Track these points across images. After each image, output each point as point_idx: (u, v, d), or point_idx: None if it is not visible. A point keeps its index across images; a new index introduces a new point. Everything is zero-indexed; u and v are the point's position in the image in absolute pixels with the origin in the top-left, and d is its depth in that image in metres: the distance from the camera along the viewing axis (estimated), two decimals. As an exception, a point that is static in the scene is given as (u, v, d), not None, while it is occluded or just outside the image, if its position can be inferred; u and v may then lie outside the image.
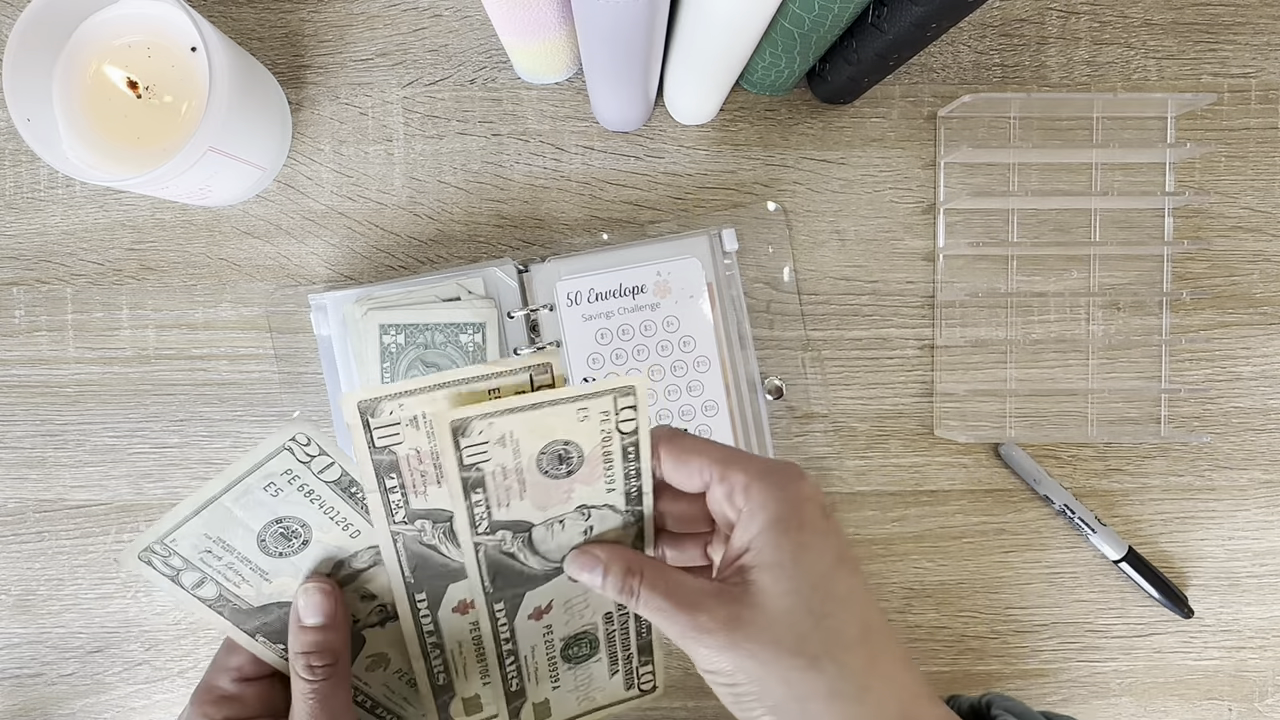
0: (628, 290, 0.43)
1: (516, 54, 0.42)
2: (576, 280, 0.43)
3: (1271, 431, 0.47)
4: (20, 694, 0.48)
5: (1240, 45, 0.46)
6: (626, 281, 0.43)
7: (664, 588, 0.26)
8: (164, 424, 0.47)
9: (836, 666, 0.24)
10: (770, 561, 0.25)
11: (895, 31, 0.36)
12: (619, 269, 0.43)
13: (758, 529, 0.26)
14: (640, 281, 0.43)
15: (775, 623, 0.25)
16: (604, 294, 0.43)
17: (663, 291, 0.43)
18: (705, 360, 0.44)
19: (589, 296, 0.43)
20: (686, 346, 0.44)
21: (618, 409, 0.26)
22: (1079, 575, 0.47)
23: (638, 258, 0.44)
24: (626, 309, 0.43)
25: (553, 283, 0.44)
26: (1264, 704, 0.48)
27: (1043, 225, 0.47)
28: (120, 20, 0.39)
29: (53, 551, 0.47)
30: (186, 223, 0.46)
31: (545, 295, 0.45)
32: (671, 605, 0.26)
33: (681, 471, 0.27)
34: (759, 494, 0.26)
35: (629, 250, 0.44)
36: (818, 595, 0.25)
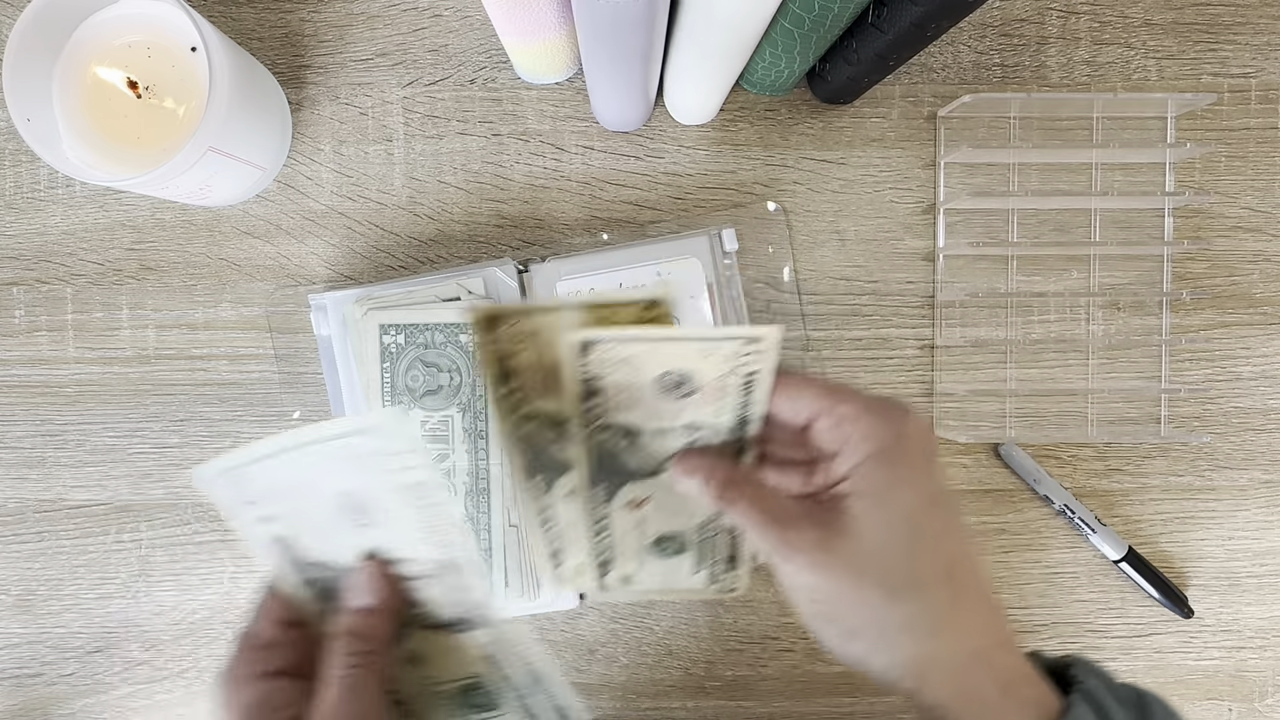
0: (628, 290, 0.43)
1: (516, 54, 0.42)
2: (576, 280, 0.43)
3: (1271, 431, 0.47)
4: (20, 694, 0.48)
5: (1240, 45, 0.46)
6: (627, 281, 0.43)
7: (760, 501, 0.27)
8: (164, 424, 0.47)
9: (917, 601, 0.25)
10: (866, 491, 0.26)
11: (895, 31, 0.36)
12: (619, 269, 0.43)
13: (859, 458, 0.26)
14: (640, 281, 0.43)
15: (862, 551, 0.25)
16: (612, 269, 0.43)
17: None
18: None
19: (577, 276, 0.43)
20: None
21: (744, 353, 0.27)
22: (1079, 575, 0.47)
23: (638, 258, 0.44)
24: None
25: (553, 283, 0.44)
26: (1264, 704, 0.48)
27: (1043, 225, 0.47)
28: (120, 20, 0.39)
29: (53, 551, 0.47)
30: (186, 223, 0.46)
31: (545, 295, 0.45)
32: (765, 519, 0.26)
33: (791, 405, 0.28)
34: (865, 426, 0.26)
35: (629, 250, 0.44)
36: (907, 529, 0.26)
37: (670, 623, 0.47)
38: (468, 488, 0.44)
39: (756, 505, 0.27)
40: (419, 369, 0.43)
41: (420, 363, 0.43)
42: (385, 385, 0.43)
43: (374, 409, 0.26)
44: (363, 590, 0.27)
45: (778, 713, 0.48)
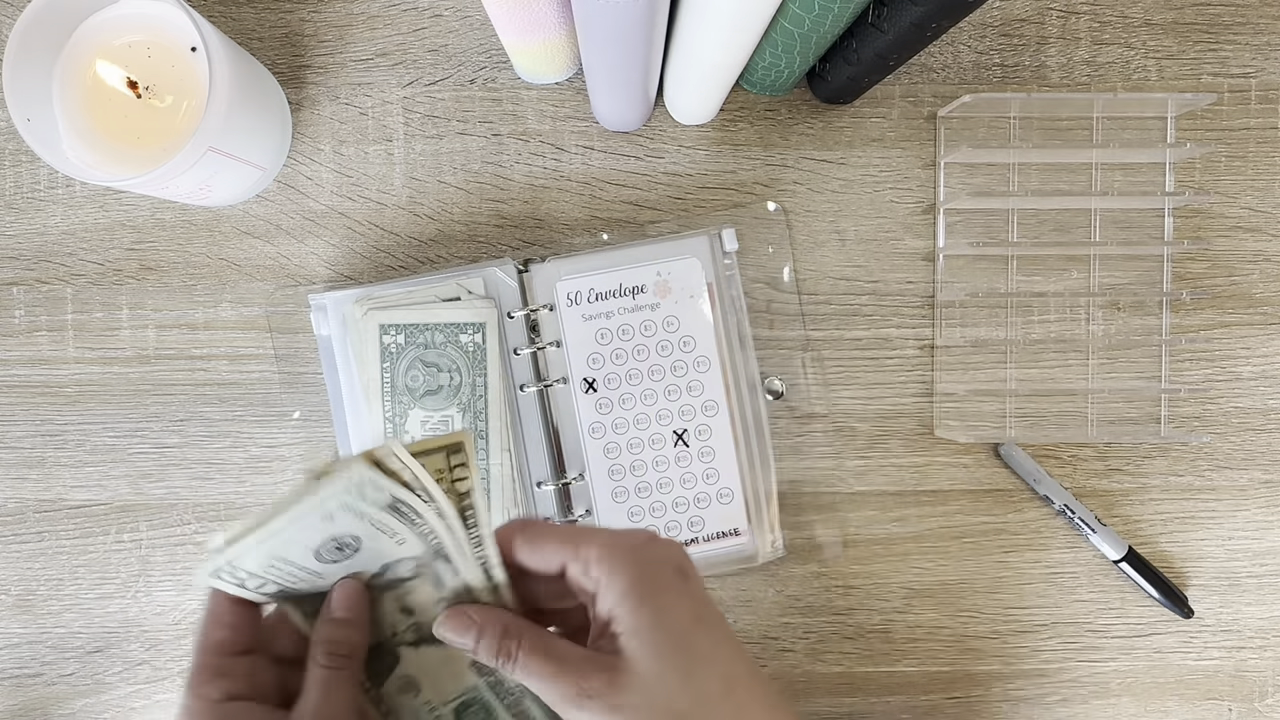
0: (628, 290, 0.43)
1: (516, 54, 0.42)
2: (576, 280, 0.43)
3: (1271, 431, 0.47)
4: (20, 694, 0.48)
5: (1240, 45, 0.46)
6: (627, 281, 0.43)
7: (544, 651, 0.27)
8: (164, 424, 0.47)
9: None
10: (633, 627, 0.26)
11: (895, 31, 0.36)
12: (619, 269, 0.43)
13: (615, 596, 0.26)
14: (640, 281, 0.43)
15: (647, 686, 0.25)
16: (604, 294, 0.43)
17: (663, 291, 0.43)
18: (705, 360, 0.43)
19: (589, 296, 0.43)
20: (686, 346, 0.43)
21: (451, 470, 0.26)
22: (1079, 575, 0.47)
23: (638, 258, 0.44)
24: (627, 309, 0.43)
25: (553, 283, 0.44)
26: (1264, 704, 0.48)
27: (1043, 225, 0.47)
28: (120, 20, 0.39)
29: (53, 551, 0.47)
30: (186, 223, 0.46)
31: (545, 295, 0.45)
32: (554, 669, 0.26)
33: (536, 557, 0.28)
34: (610, 563, 0.27)
35: (629, 250, 0.44)
36: (681, 655, 0.26)
37: (670, 623, 0.47)
38: (468, 488, 0.44)
39: (539, 654, 0.26)
40: (419, 369, 0.43)
41: (420, 363, 0.43)
42: (385, 385, 0.43)
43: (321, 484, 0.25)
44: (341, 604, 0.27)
45: (778, 713, 0.48)
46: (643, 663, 0.26)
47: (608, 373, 0.44)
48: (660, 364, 0.44)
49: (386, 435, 0.43)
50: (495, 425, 0.44)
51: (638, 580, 0.26)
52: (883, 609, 0.47)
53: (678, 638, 0.26)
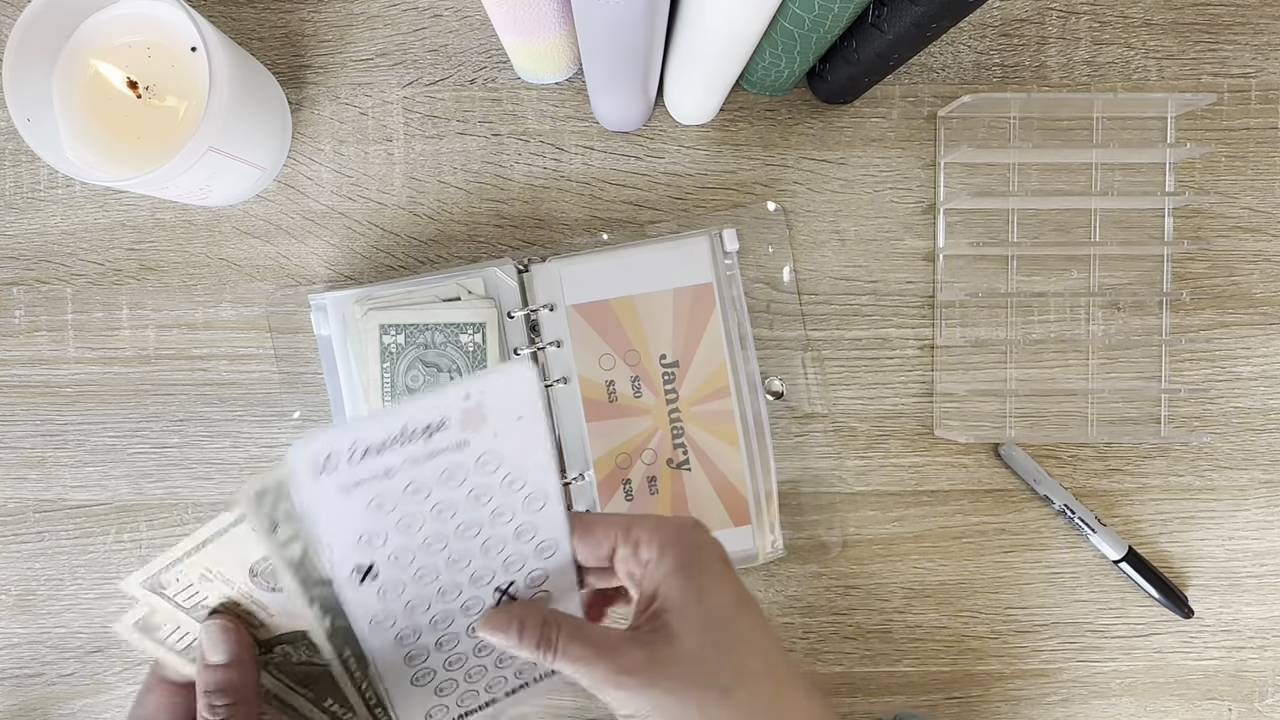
0: (415, 433, 0.26)
1: (516, 54, 0.42)
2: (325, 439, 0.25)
3: (1271, 431, 0.47)
4: (20, 694, 0.48)
5: (1240, 45, 0.46)
6: (415, 420, 0.26)
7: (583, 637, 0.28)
8: (164, 424, 0.47)
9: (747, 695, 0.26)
10: (678, 604, 0.27)
11: (895, 31, 0.36)
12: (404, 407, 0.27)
13: (664, 574, 0.28)
14: (436, 416, 0.27)
15: (688, 659, 0.26)
16: (376, 447, 0.26)
17: (474, 422, 0.27)
18: (539, 496, 0.29)
19: (350, 456, 0.25)
20: (513, 486, 0.29)
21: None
22: (1079, 575, 0.47)
23: (637, 258, 0.44)
24: (417, 458, 0.27)
25: (553, 283, 0.44)
26: (1264, 704, 0.48)
27: (1043, 225, 0.47)
28: (120, 20, 0.39)
29: (53, 551, 0.47)
30: (186, 223, 0.46)
31: (545, 295, 0.45)
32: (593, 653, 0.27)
33: (588, 544, 0.29)
34: (660, 542, 0.28)
35: (629, 250, 0.44)
36: (724, 632, 0.27)
37: (670, 623, 0.47)
38: (468, 488, 0.44)
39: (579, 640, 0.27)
40: (419, 369, 0.43)
41: (420, 363, 0.43)
42: (385, 385, 0.43)
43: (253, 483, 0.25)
44: (213, 647, 0.28)
45: (778, 713, 0.48)
46: (687, 638, 0.27)
47: (392, 550, 0.28)
48: (474, 518, 0.29)
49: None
50: None
51: (686, 560, 0.28)
52: (883, 609, 0.47)
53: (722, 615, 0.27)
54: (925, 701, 0.48)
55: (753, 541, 0.45)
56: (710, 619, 0.27)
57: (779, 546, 0.46)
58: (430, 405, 0.26)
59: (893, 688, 0.48)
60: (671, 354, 0.44)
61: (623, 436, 0.44)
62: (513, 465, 0.29)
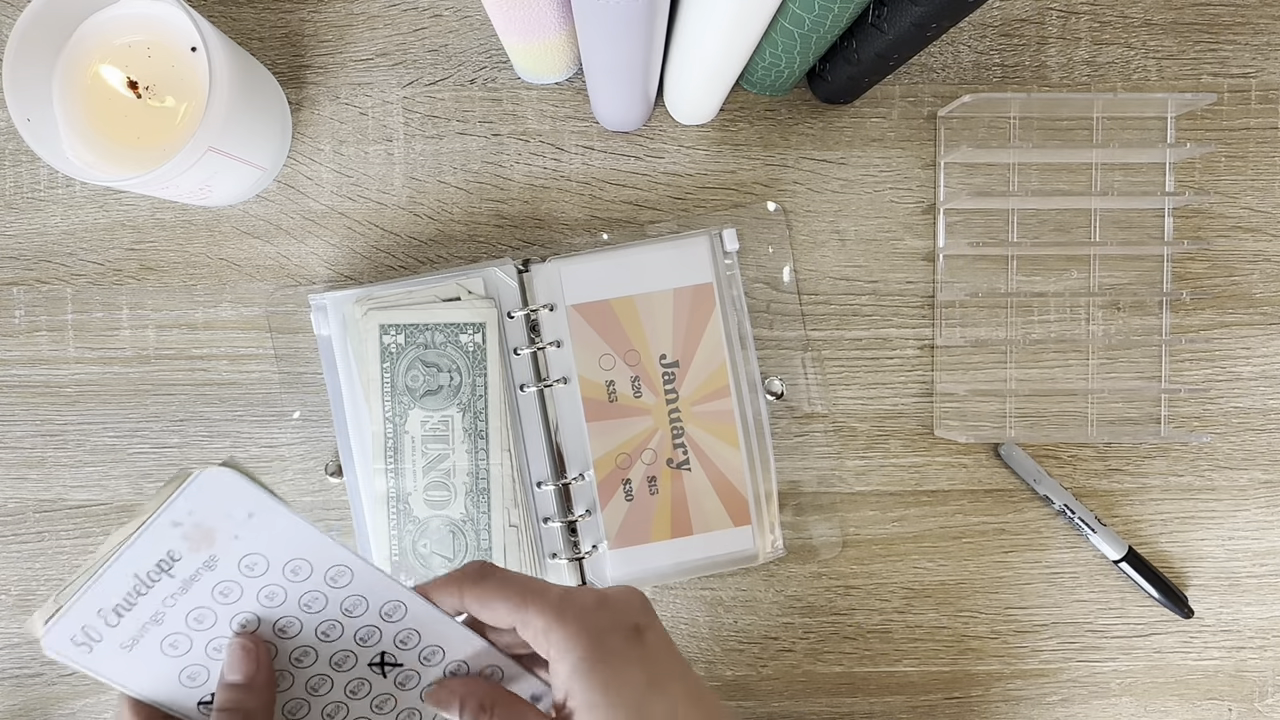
0: (152, 575, 0.25)
1: (516, 54, 0.42)
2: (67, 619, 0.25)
3: (1271, 431, 0.47)
4: (20, 694, 0.48)
5: (1240, 45, 0.46)
6: (141, 567, 0.25)
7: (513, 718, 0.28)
8: (164, 424, 0.47)
9: None
10: (586, 703, 0.26)
11: (895, 31, 0.36)
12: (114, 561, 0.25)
13: (567, 671, 0.27)
14: (161, 552, 0.25)
15: None
16: (124, 603, 0.25)
17: (203, 538, 0.26)
18: (341, 570, 0.27)
19: (107, 620, 0.25)
20: (299, 574, 0.27)
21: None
22: (1079, 575, 0.47)
23: (637, 258, 0.44)
24: (175, 594, 0.26)
25: (553, 283, 0.44)
26: (1264, 704, 0.48)
27: (1043, 225, 0.47)
28: (120, 20, 0.39)
29: (53, 551, 0.47)
30: (186, 223, 0.46)
31: (545, 295, 0.45)
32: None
33: (487, 613, 0.28)
34: (559, 638, 0.27)
35: (629, 250, 0.44)
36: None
37: (669, 623, 0.47)
38: (468, 488, 0.44)
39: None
40: (419, 369, 0.43)
41: (420, 363, 0.43)
42: (385, 385, 0.43)
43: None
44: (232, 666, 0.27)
45: (777, 713, 0.48)
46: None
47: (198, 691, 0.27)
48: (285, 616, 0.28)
49: (387, 435, 0.43)
50: (495, 425, 0.44)
51: (588, 652, 0.27)
52: (883, 609, 0.47)
53: (631, 707, 0.26)
54: (925, 701, 0.48)
55: (753, 541, 0.45)
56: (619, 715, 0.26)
57: (779, 546, 0.46)
58: (145, 548, 0.25)
59: (893, 688, 0.48)
60: (671, 354, 0.44)
61: (623, 436, 0.45)
62: (282, 557, 0.27)
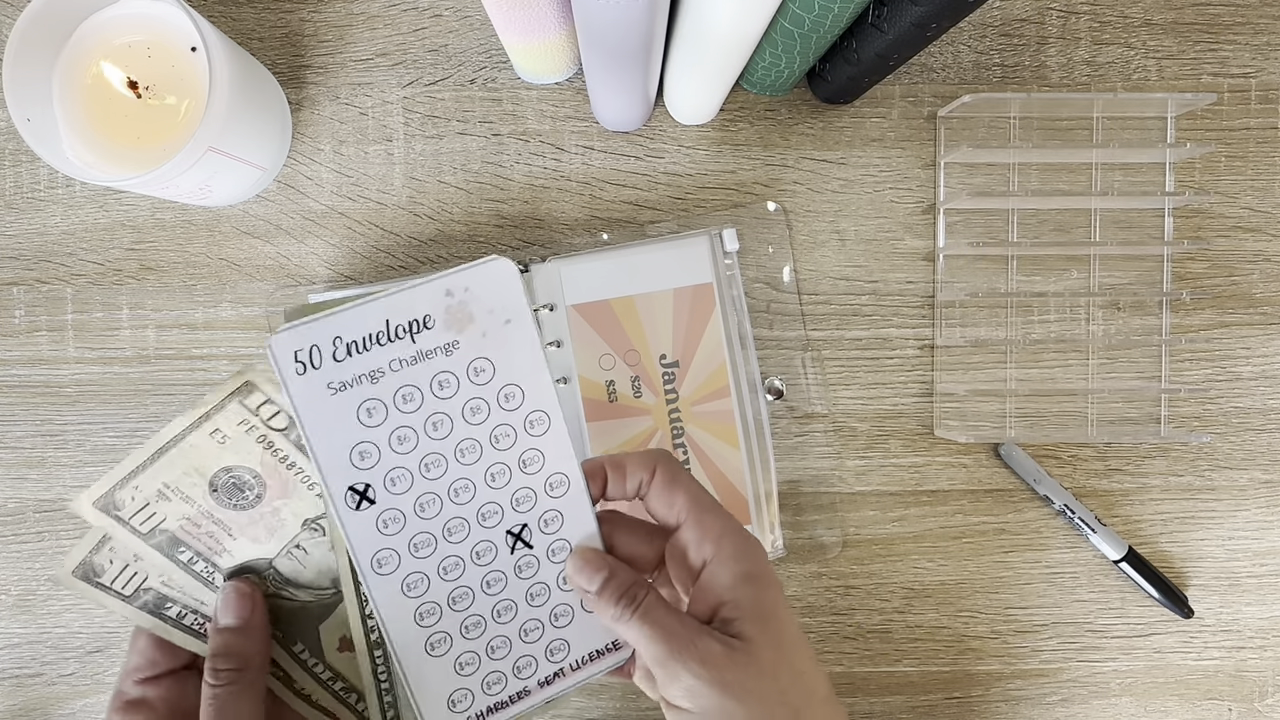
0: (400, 330, 0.26)
1: (516, 54, 0.42)
2: (305, 330, 0.26)
3: (1271, 431, 0.47)
4: (20, 694, 0.48)
5: (1240, 45, 0.46)
6: (397, 315, 0.26)
7: (666, 609, 0.27)
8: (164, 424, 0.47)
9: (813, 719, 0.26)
10: (752, 614, 0.26)
11: (895, 31, 0.36)
12: (380, 297, 0.27)
13: (733, 579, 0.26)
14: (421, 311, 0.26)
15: (765, 671, 0.25)
16: (361, 343, 0.26)
17: (460, 321, 0.27)
18: (541, 417, 0.28)
19: (335, 351, 0.25)
20: (510, 401, 0.28)
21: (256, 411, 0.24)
22: (1079, 575, 0.47)
23: (637, 258, 0.44)
24: (404, 360, 0.26)
25: (553, 283, 0.44)
26: (1264, 704, 0.48)
27: (1043, 225, 0.47)
28: (120, 20, 0.39)
29: (53, 551, 0.47)
30: (186, 223, 0.46)
31: (545, 295, 0.45)
32: (675, 626, 0.26)
33: (664, 501, 0.28)
34: (734, 546, 0.27)
35: (629, 250, 0.44)
36: (797, 654, 0.27)
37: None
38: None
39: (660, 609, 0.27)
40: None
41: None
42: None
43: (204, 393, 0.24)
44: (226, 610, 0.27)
45: (778, 713, 0.48)
46: (763, 650, 0.26)
47: (388, 469, 0.27)
48: (472, 438, 0.28)
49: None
50: None
51: (757, 573, 0.27)
52: (883, 609, 0.47)
53: (793, 639, 0.27)
54: (925, 701, 0.48)
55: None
56: (785, 639, 0.26)
57: (779, 546, 0.46)
58: (413, 298, 0.25)
59: (893, 688, 0.48)
60: (671, 354, 0.44)
61: (623, 436, 0.44)
62: (506, 376, 0.27)
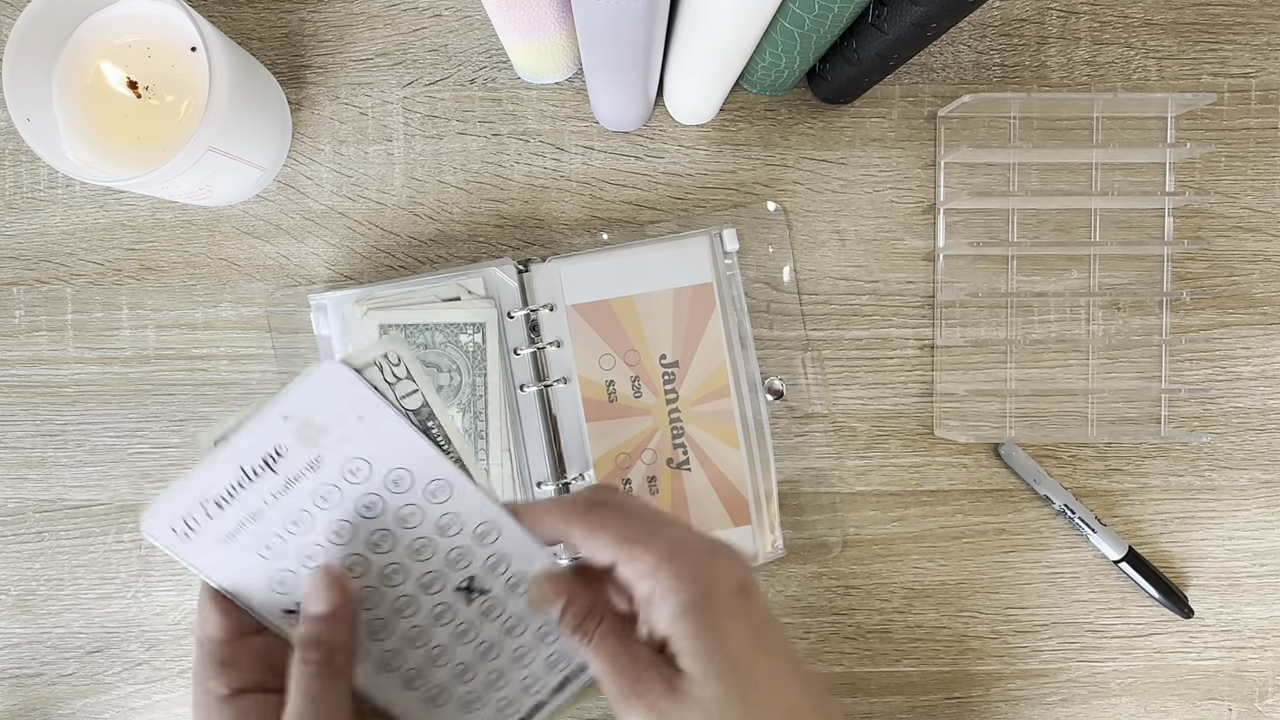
0: (256, 469, 0.26)
1: (516, 54, 0.42)
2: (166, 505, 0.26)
3: (1271, 431, 0.47)
4: (20, 694, 0.48)
5: (1240, 45, 0.46)
6: (247, 458, 0.26)
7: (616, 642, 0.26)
8: (164, 424, 0.47)
9: None
10: (693, 649, 0.25)
11: (895, 31, 0.36)
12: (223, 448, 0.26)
13: (672, 613, 0.26)
14: (269, 444, 0.26)
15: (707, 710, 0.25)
16: (226, 494, 0.26)
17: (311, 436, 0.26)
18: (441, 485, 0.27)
19: (207, 510, 0.26)
20: (400, 484, 0.27)
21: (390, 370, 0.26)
22: (1079, 575, 0.47)
23: (637, 258, 0.44)
24: (275, 492, 0.26)
25: (553, 283, 0.44)
26: (1264, 704, 0.48)
27: (1043, 225, 0.47)
28: (120, 20, 0.39)
29: (53, 551, 0.47)
30: (186, 223, 0.46)
31: (545, 295, 0.45)
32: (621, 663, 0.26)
33: (589, 545, 0.27)
34: (667, 578, 0.26)
35: (629, 250, 0.44)
36: (743, 683, 0.25)
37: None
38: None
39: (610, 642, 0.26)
40: (419, 369, 0.43)
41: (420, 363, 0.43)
42: (385, 385, 0.43)
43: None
44: (316, 597, 0.26)
45: (778, 713, 0.48)
46: (704, 686, 0.25)
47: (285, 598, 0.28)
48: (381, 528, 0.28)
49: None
50: (495, 425, 0.44)
51: (698, 598, 0.26)
52: (883, 609, 0.47)
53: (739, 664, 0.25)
54: (925, 701, 0.48)
55: (753, 541, 0.45)
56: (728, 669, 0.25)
57: (779, 546, 0.46)
58: (253, 437, 0.26)
59: (893, 688, 0.48)
60: (671, 354, 0.44)
61: (623, 436, 0.45)
62: (385, 464, 0.27)
